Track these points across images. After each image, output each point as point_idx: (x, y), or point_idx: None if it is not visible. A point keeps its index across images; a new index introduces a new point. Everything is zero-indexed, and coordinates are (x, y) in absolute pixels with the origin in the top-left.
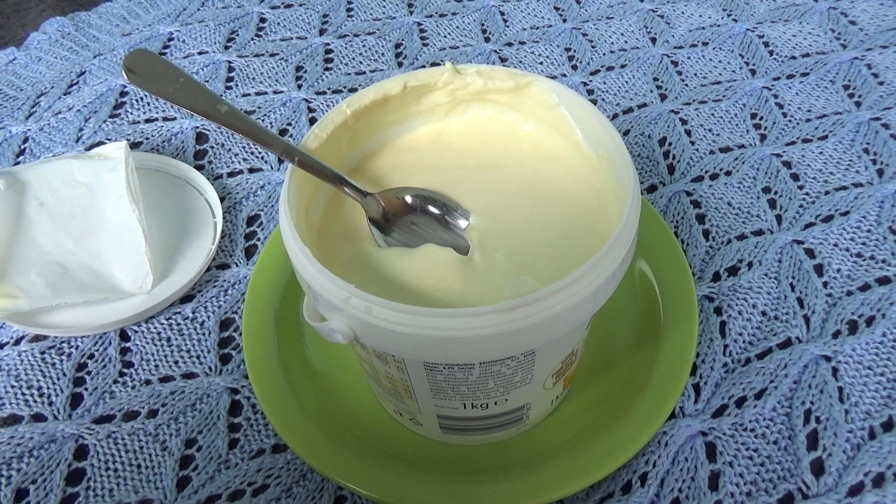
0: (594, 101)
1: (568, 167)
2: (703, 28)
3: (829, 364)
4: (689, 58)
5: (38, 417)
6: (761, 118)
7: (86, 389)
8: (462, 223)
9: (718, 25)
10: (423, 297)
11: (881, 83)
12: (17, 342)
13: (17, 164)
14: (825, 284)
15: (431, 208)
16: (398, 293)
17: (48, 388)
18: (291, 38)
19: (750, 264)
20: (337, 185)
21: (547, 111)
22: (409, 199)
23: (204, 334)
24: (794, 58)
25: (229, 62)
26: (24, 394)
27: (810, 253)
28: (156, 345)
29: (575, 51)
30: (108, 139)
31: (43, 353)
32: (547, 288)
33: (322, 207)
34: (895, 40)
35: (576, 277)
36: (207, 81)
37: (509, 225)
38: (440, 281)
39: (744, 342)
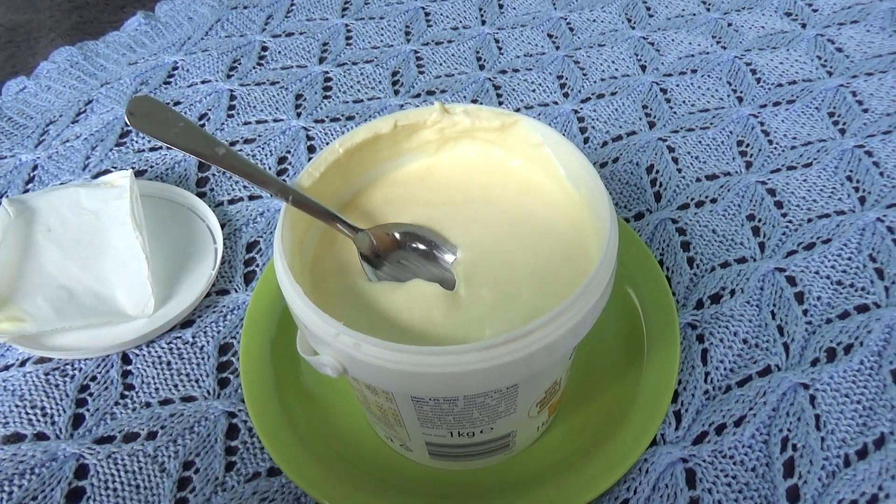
0: (584, 129)
1: (551, 202)
2: (693, 55)
3: (807, 392)
4: (677, 85)
5: (41, 436)
6: (747, 145)
7: (87, 410)
8: (449, 258)
9: (707, 53)
10: (410, 331)
11: (865, 110)
12: (23, 364)
13: (26, 191)
14: (805, 312)
15: (419, 244)
16: (387, 326)
17: (51, 408)
18: (292, 67)
19: (732, 292)
20: (329, 223)
21: (532, 149)
22: (398, 235)
23: (203, 359)
24: (780, 85)
25: (231, 91)
26: (27, 413)
27: (792, 281)
28: (156, 368)
29: (567, 78)
30: (114, 167)
31: (47, 374)
32: (526, 326)
33: (315, 242)
34: (880, 67)
35: (555, 315)
36: (210, 110)
37: (495, 259)
38: (426, 315)
39: (725, 370)
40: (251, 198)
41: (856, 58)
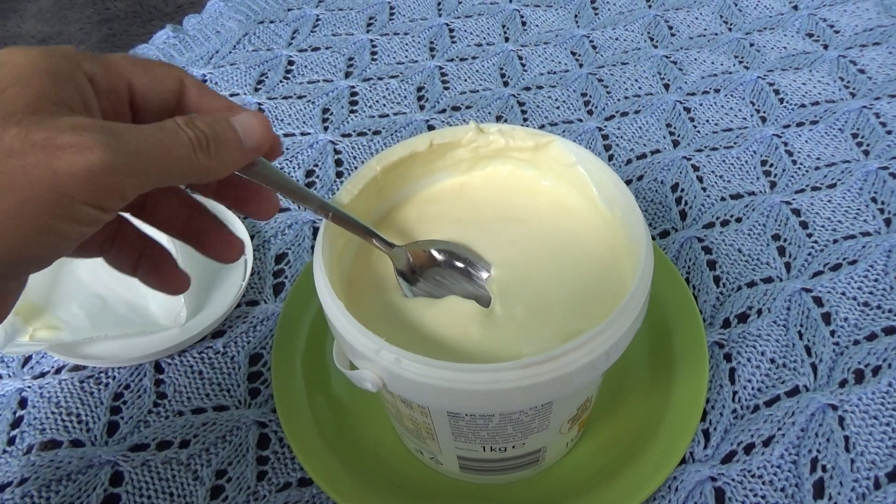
0: (609, 147)
1: (584, 222)
2: (716, 75)
3: (835, 413)
4: (701, 104)
5: (77, 443)
6: (771, 165)
7: (121, 418)
8: (484, 275)
9: (730, 73)
10: (446, 347)
11: (889, 132)
12: (58, 371)
13: None
14: (832, 333)
15: (456, 262)
16: (423, 342)
17: (86, 415)
18: (318, 81)
19: (759, 311)
20: (367, 238)
21: (565, 169)
22: (434, 252)
23: (234, 368)
24: (803, 106)
25: (259, 104)
26: (63, 420)
27: (818, 301)
28: (188, 377)
29: (590, 96)
30: None
31: (82, 382)
32: (564, 346)
33: (352, 258)
34: None
35: (594, 335)
36: None
37: (528, 278)
38: (462, 332)
39: (752, 389)
40: (280, 210)
41: (878, 79)
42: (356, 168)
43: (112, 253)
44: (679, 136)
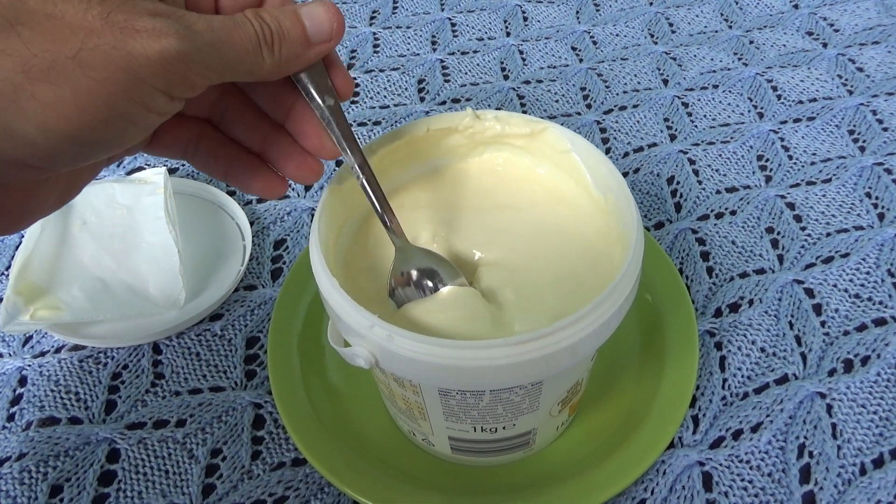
0: (606, 140)
1: (577, 209)
2: (714, 71)
3: (823, 401)
4: (699, 100)
5: (75, 420)
6: (767, 160)
7: (119, 397)
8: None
9: (729, 69)
10: (438, 329)
11: (885, 129)
12: (58, 350)
13: None
14: (823, 324)
15: (428, 282)
16: (416, 323)
17: (85, 394)
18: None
19: (751, 302)
20: (386, 212)
21: (559, 156)
22: (413, 274)
23: (231, 351)
24: (801, 102)
25: None
26: (62, 398)
27: (810, 293)
28: (186, 359)
29: (590, 90)
30: (148, 164)
31: (81, 361)
32: (554, 324)
33: (348, 241)
34: None
35: (582, 314)
36: None
37: (520, 263)
38: (454, 314)
39: (742, 377)
40: (279, 197)
41: (876, 77)
42: None
43: (197, 157)
44: (676, 130)
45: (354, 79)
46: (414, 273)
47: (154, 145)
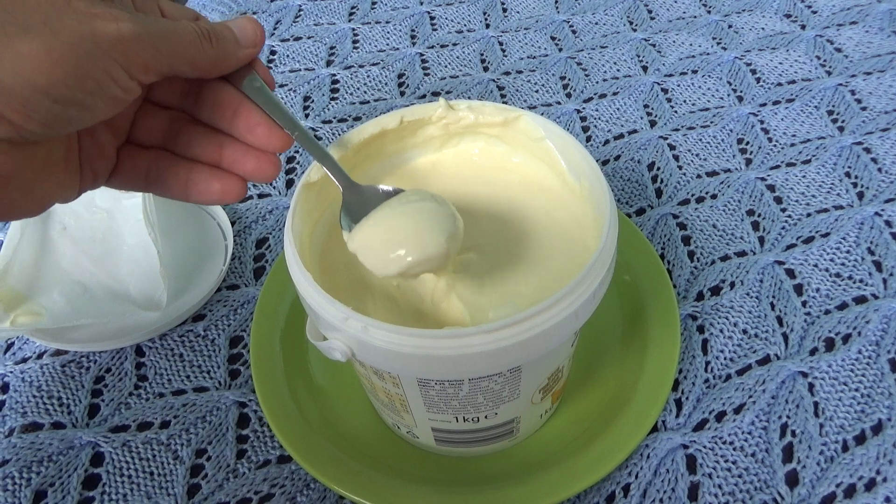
0: (587, 128)
1: (553, 196)
2: (693, 56)
3: (805, 380)
4: (678, 85)
5: (58, 425)
6: (747, 143)
7: (103, 400)
8: None
9: (708, 54)
10: (416, 320)
11: (864, 108)
12: (40, 356)
13: None
14: (804, 304)
15: None
16: (393, 317)
17: (68, 398)
18: (300, 70)
19: (732, 284)
20: (327, 166)
21: (534, 143)
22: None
23: (214, 351)
24: (780, 84)
25: None
26: (45, 403)
27: (791, 273)
28: (169, 360)
29: (569, 79)
30: None
31: (64, 366)
32: (528, 310)
33: (324, 235)
34: (879, 67)
35: (557, 299)
36: None
37: (496, 252)
38: (432, 306)
39: (725, 359)
40: (261, 196)
41: (855, 57)
42: None
43: (157, 182)
44: (656, 116)
45: (334, 75)
46: (364, 201)
47: (116, 176)
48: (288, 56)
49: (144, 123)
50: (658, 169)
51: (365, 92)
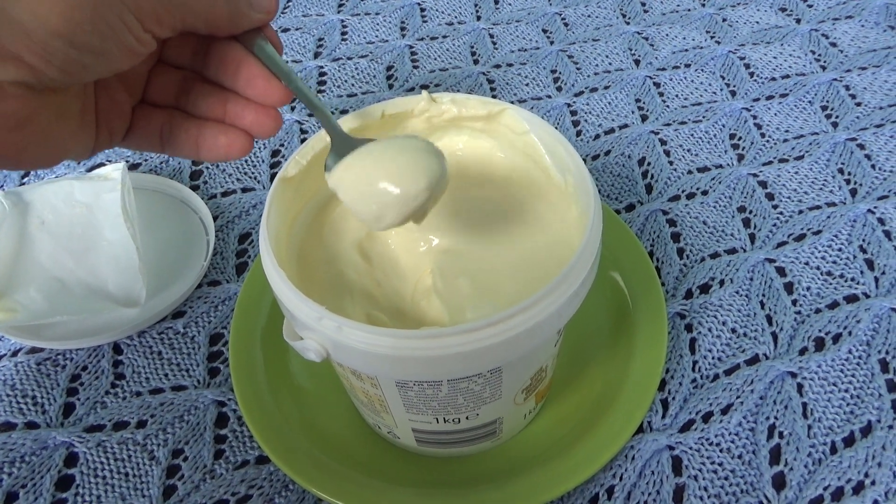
0: (577, 122)
1: (538, 192)
2: (687, 50)
3: (794, 380)
4: (671, 79)
5: (32, 425)
6: (740, 139)
7: (78, 399)
8: None
9: (701, 48)
10: (395, 320)
11: (858, 104)
12: (15, 354)
13: (22, 185)
14: (794, 302)
15: None
16: (372, 317)
17: (42, 397)
18: (287, 62)
19: (722, 282)
20: (323, 119)
21: (518, 138)
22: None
23: (194, 349)
24: (773, 79)
25: None
26: (18, 402)
27: (781, 271)
28: (147, 358)
29: (560, 73)
30: (109, 161)
31: (39, 364)
32: (507, 310)
33: (303, 232)
34: (874, 62)
35: (537, 298)
36: None
37: (477, 249)
38: (412, 306)
39: (712, 358)
40: (244, 190)
41: (850, 52)
42: None
43: (170, 141)
44: (648, 110)
45: (321, 67)
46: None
47: (131, 135)
48: None
49: (158, 82)
50: (649, 164)
51: (353, 85)
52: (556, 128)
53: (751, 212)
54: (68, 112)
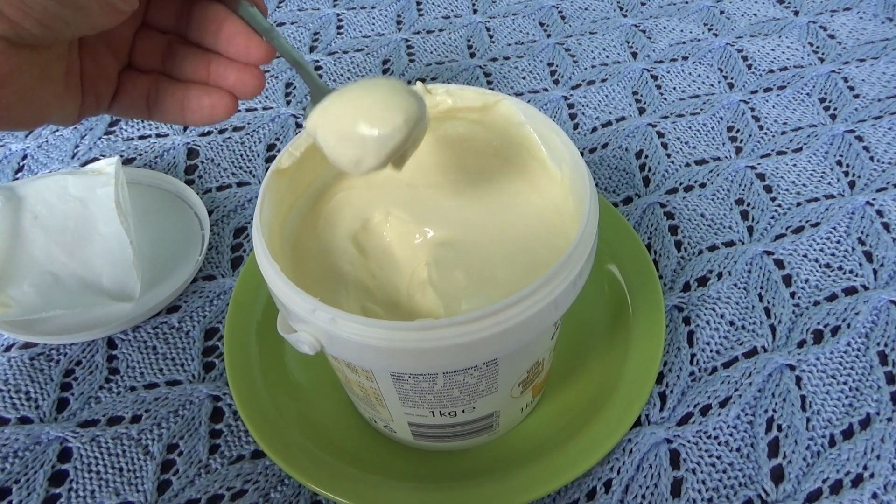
0: (574, 115)
1: (534, 184)
2: (684, 42)
3: (793, 373)
4: (668, 72)
5: (25, 420)
6: (737, 131)
7: (72, 394)
8: None
9: (699, 40)
10: (390, 312)
11: (857, 96)
12: (8, 349)
13: (15, 179)
14: (793, 295)
15: None
16: (367, 310)
17: (36, 392)
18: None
19: (720, 275)
20: (302, 73)
21: (514, 129)
22: None
23: (189, 343)
24: (771, 71)
25: None
26: (11, 398)
27: (779, 264)
28: (142, 353)
29: (557, 65)
30: (103, 155)
31: (32, 359)
32: (503, 301)
33: (297, 224)
34: (872, 53)
35: (532, 290)
36: None
37: (473, 241)
38: (407, 298)
39: (711, 351)
40: (239, 185)
41: (848, 44)
42: None
43: (156, 106)
44: (645, 103)
45: (317, 61)
46: None
47: (118, 100)
48: None
49: (143, 46)
50: (646, 157)
51: (349, 79)
52: (553, 121)
53: (749, 204)
54: (52, 73)
